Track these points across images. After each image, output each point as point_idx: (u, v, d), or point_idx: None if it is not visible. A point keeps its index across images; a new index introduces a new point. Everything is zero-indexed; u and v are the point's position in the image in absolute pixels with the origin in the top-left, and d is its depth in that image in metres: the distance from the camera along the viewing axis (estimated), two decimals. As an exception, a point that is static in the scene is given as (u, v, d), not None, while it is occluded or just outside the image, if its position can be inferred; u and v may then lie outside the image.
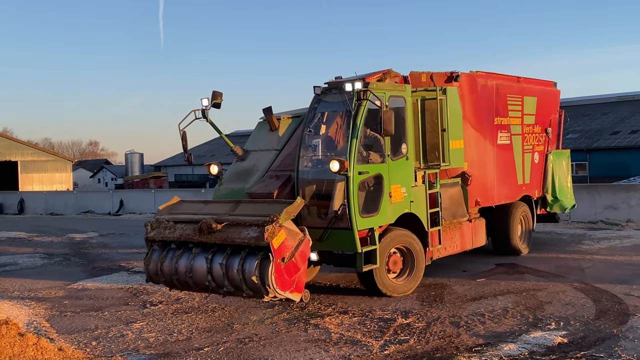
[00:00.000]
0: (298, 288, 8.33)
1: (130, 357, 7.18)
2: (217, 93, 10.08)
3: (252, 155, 10.76)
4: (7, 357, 6.53)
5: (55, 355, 6.93)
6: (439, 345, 7.32)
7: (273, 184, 9.81)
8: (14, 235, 22.29)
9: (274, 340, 7.71)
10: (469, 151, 11.47)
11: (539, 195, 14.11)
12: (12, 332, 6.84)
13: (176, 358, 7.11)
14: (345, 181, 8.99)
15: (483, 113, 12.14)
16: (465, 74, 11.61)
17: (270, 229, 7.97)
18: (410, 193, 9.97)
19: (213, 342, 7.70)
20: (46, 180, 59.25)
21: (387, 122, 8.81)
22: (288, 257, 8.13)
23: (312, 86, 9.77)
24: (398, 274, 10.00)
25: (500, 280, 10.94)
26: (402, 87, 10.16)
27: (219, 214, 8.79)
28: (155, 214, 9.55)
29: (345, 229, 9.05)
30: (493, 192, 12.46)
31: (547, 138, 14.20)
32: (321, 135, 9.95)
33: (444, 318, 8.48)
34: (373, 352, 7.11)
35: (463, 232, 11.60)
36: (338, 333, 7.91)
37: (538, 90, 13.87)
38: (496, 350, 6.96)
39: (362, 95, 9.04)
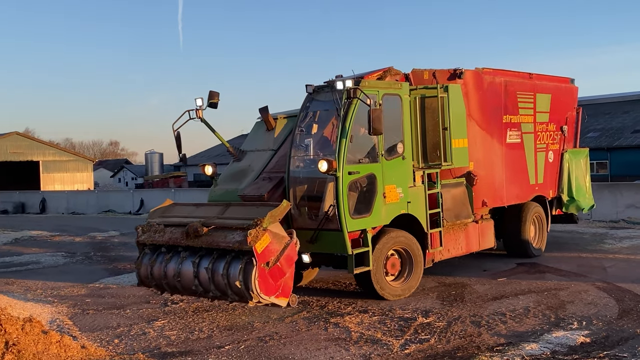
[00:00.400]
0: (284, 293, 8.14)
1: (152, 354, 7.22)
2: (213, 93, 9.97)
3: (248, 155, 10.65)
4: (31, 354, 6.61)
5: (78, 353, 7.00)
6: (460, 344, 7.29)
7: (265, 186, 9.67)
8: (37, 234, 22.53)
9: (294, 339, 7.73)
10: (474, 150, 11.15)
11: (554, 195, 13.65)
12: (35, 330, 6.92)
13: (197, 356, 7.15)
14: (334, 181, 8.79)
15: (490, 111, 11.75)
16: (470, 71, 11.30)
17: (254, 233, 7.82)
18: (407, 193, 9.71)
19: (234, 341, 7.73)
20: (67, 179, 59.87)
21: (376, 121, 8.53)
22: (273, 261, 7.95)
23: (305, 85, 9.64)
24: (396, 276, 9.77)
25: (521, 279, 10.86)
26: (398, 85, 9.90)
27: (208, 217, 8.73)
28: (147, 217, 9.51)
29: (335, 230, 8.87)
30: (502, 193, 12.06)
31: (563, 136, 13.71)
32: (313, 134, 9.73)
33: (464, 317, 8.45)
34: (394, 351, 7.10)
35: (468, 233, 11.29)
36: (358, 332, 7.91)
37: (552, 87, 13.41)
38: (518, 350, 6.92)
39: (351, 93, 8.79)
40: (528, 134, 12.72)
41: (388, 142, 9.50)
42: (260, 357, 7.04)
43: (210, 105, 9.98)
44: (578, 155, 14.19)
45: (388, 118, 9.34)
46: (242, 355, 7.13)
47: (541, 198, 13.29)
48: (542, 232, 13.26)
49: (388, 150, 9.48)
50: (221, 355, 7.15)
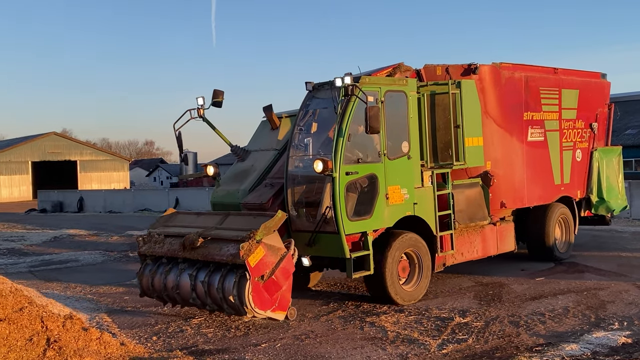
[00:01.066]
0: (281, 306, 7.90)
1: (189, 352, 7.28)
2: (218, 92, 9.76)
3: (252, 155, 10.41)
4: (72, 350, 6.71)
5: (117, 350, 7.09)
6: (498, 344, 7.21)
7: (266, 193, 9.38)
8: (75, 232, 22.89)
9: (330, 338, 7.73)
10: (491, 149, 10.72)
11: (582, 196, 12.93)
12: (76, 327, 7.03)
13: (234, 354, 7.19)
14: (330, 182, 8.48)
15: (509, 108, 11.20)
16: (486, 66, 10.79)
17: (246, 246, 7.59)
18: (413, 194, 9.32)
19: (270, 339, 7.76)
20: (104, 179, 60.82)
21: (373, 119, 8.15)
22: (268, 274, 7.71)
23: (304, 82, 9.35)
24: (405, 280, 9.41)
25: (560, 279, 10.70)
26: (403, 81, 9.49)
27: (206, 228, 8.55)
28: (149, 227, 9.38)
29: (333, 233, 8.57)
30: (522, 193, 11.48)
31: (593, 134, 13.02)
32: (312, 133, 9.45)
33: (502, 317, 8.35)
34: (431, 351, 7.05)
35: (485, 236, 10.84)
36: (394, 331, 7.87)
37: (580, 83, 12.73)
38: (558, 350, 6.82)
39: (349, 90, 8.42)
40: (552, 132, 12.13)
41: (392, 141, 9.16)
42: (297, 356, 7.05)
43: (214, 104, 9.76)
44: (610, 153, 13.51)
45: (392, 116, 9.10)
46: (278, 354, 7.15)
47: (568, 199, 12.67)
48: (568, 235, 12.63)
49: (391, 150, 9.12)
50: (258, 353, 7.17)
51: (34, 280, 12.59)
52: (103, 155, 63.59)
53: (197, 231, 8.45)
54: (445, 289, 10.27)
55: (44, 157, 59.25)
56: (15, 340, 6.53)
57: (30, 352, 6.53)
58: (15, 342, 6.52)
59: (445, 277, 11.12)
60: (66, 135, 68.00)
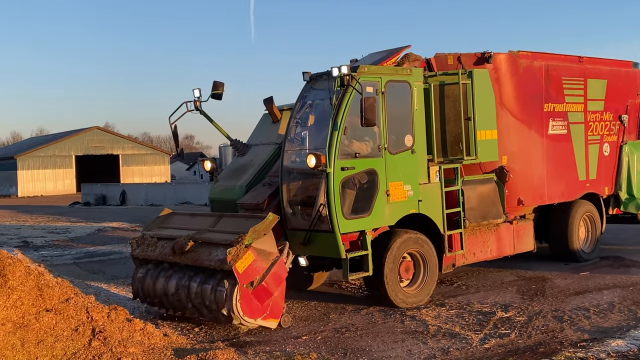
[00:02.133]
0: (273, 314, 7.61)
1: (231, 343, 7.34)
2: (218, 83, 9.40)
3: (252, 150, 10.02)
4: (116, 340, 6.83)
5: (160, 341, 7.18)
6: (541, 339, 7.11)
7: (263, 193, 8.98)
8: (118, 225, 23.29)
9: (370, 331, 7.71)
10: (507, 143, 10.15)
11: (610, 192, 12.15)
12: (120, 318, 7.13)
13: (275, 345, 7.23)
14: (325, 178, 8.07)
15: (527, 99, 10.55)
16: (501, 55, 10.22)
17: (233, 251, 7.27)
18: (417, 191, 8.83)
19: (310, 331, 7.77)
20: (145, 172, 61.69)
21: (368, 111, 7.73)
22: (258, 280, 7.40)
23: (302, 72, 8.90)
24: (410, 281, 8.96)
25: (605, 273, 10.50)
26: (407, 71, 8.98)
27: (199, 230, 8.26)
28: (143, 228, 9.21)
29: (328, 232, 8.17)
30: (542, 190, 10.79)
31: (622, 127, 12.21)
32: (309, 126, 9.00)
33: (546, 312, 8.23)
34: (473, 346, 6.98)
35: (500, 235, 10.25)
36: (435, 325, 7.82)
37: (608, 72, 11.95)
38: (603, 346, 6.70)
39: (345, 80, 7.96)
40: (577, 125, 11.39)
41: (394, 135, 8.69)
42: (337, 348, 7.05)
43: (214, 97, 9.43)
44: None
45: (394, 108, 8.66)
46: (319, 346, 7.16)
47: (594, 196, 11.91)
48: (594, 234, 11.92)
49: (393, 143, 8.64)
50: (298, 345, 7.20)
51: (79, 272, 12.83)
52: (144, 149, 64.49)
53: (188, 234, 8.14)
54: (487, 283, 10.16)
55: (87, 151, 60.39)
56: (61, 330, 6.66)
57: (76, 342, 6.66)
58: (61, 332, 6.65)
59: (486, 271, 11.01)
60: (108, 130, 69.18)
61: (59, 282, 7.10)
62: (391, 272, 8.54)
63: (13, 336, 6.39)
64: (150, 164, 63.24)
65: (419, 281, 8.97)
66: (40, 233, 20.95)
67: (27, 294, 6.71)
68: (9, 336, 6.37)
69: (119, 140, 63.25)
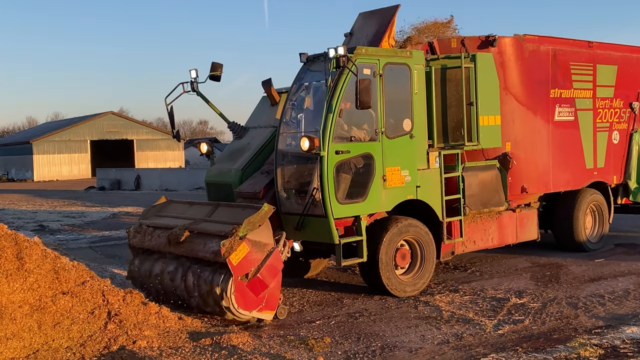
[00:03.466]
0: (269, 305, 7.46)
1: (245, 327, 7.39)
2: (216, 65, 9.23)
3: (250, 132, 9.82)
4: (132, 324, 6.89)
5: (175, 324, 7.24)
6: (556, 326, 7.09)
7: (261, 181, 8.82)
8: (132, 210, 23.41)
9: (384, 316, 7.73)
10: (511, 129, 9.93)
11: (618, 181, 11.87)
12: (136, 301, 7.19)
13: (289, 330, 7.27)
14: (318, 162, 7.89)
15: (533, 84, 10.28)
16: (506, 38, 9.97)
17: (228, 243, 7.15)
18: (415, 177, 8.64)
19: (324, 316, 7.81)
20: (160, 157, 61.94)
21: (364, 93, 7.52)
22: (253, 272, 7.29)
23: (298, 53, 8.71)
24: (406, 269, 8.80)
25: (620, 260, 10.46)
26: (406, 53, 8.72)
27: (195, 220, 8.17)
28: (141, 217, 9.16)
29: (321, 217, 8.01)
30: (547, 178, 10.54)
31: (633, 114, 11.94)
32: (305, 109, 8.81)
33: (560, 299, 8.21)
34: (486, 332, 6.99)
35: (502, 223, 10.05)
36: (449, 311, 7.82)
37: (619, 58, 11.67)
38: (617, 333, 6.68)
39: (341, 62, 7.72)
40: (585, 111, 11.12)
41: (392, 118, 8.49)
42: (351, 333, 7.08)
43: (212, 78, 9.26)
44: None
45: (392, 91, 8.44)
46: (332, 331, 7.19)
47: (602, 185, 11.65)
48: (602, 224, 11.65)
49: (391, 128, 8.44)
50: (312, 330, 7.23)
51: (95, 256, 12.94)
52: (159, 135, 64.68)
53: (184, 224, 8.06)
54: (501, 269, 10.15)
55: (102, 136, 60.70)
56: (77, 313, 6.73)
57: (92, 325, 6.73)
58: (77, 314, 6.72)
59: (500, 257, 10.98)
60: (123, 115, 69.41)
61: (75, 266, 7.17)
62: (387, 259, 8.39)
63: (30, 318, 6.47)
64: (164, 149, 63.46)
65: (416, 269, 8.80)
66: (56, 217, 21.13)
67: (44, 277, 6.78)
68: (26, 318, 6.45)
69: (134, 126, 63.49)
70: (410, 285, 8.66)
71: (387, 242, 8.38)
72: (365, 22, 9.84)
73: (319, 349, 6.54)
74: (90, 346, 6.53)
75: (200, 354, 6.44)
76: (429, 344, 6.66)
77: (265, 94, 9.99)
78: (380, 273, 8.36)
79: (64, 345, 6.48)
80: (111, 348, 6.55)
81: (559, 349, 6.27)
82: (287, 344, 6.72)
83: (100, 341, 6.62)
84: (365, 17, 9.94)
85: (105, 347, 6.57)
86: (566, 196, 11.20)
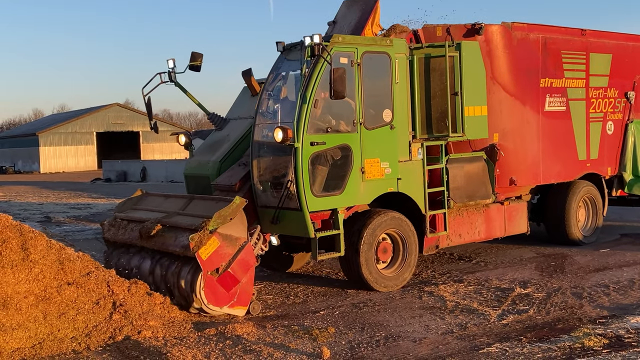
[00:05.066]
0: (241, 301, 7.29)
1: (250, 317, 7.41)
2: (196, 54, 9.02)
3: (230, 124, 9.64)
4: (137, 314, 6.92)
5: (180, 314, 7.27)
6: (560, 316, 7.09)
7: (238, 173, 8.60)
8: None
9: (388, 306, 7.73)
10: (499, 120, 9.64)
11: (613, 173, 11.52)
12: (141, 291, 7.21)
13: (293, 320, 7.28)
14: (293, 153, 7.68)
15: (521, 73, 9.96)
16: (493, 26, 9.61)
17: (197, 237, 6.99)
18: (396, 169, 8.42)
19: (328, 306, 7.82)
20: (166, 149, 61.99)
21: (337, 82, 7.27)
22: (224, 267, 7.13)
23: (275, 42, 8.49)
24: (388, 263, 8.61)
25: (625, 250, 10.44)
26: (386, 42, 8.45)
27: (168, 214, 8.05)
28: (115, 209, 9.09)
29: (296, 210, 7.82)
30: (537, 169, 10.23)
31: (629, 104, 11.52)
32: (282, 99, 8.57)
33: (565, 289, 8.20)
34: (490, 322, 6.99)
35: (490, 216, 9.79)
36: (453, 301, 7.82)
37: (614, 46, 11.28)
38: (622, 323, 6.68)
39: (316, 50, 7.50)
40: (577, 101, 10.78)
41: (372, 109, 8.26)
42: (355, 323, 7.09)
43: (192, 68, 9.03)
44: None
45: (371, 80, 8.21)
46: (337, 321, 7.21)
47: (596, 177, 11.34)
48: (595, 217, 11.35)
49: (370, 118, 8.20)
50: (316, 320, 7.25)
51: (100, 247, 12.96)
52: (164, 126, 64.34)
53: (157, 218, 7.94)
54: (506, 259, 10.14)
55: (107, 127, 60.81)
56: (82, 303, 6.76)
57: (97, 315, 6.76)
58: (82, 305, 6.75)
59: (505, 247, 10.97)
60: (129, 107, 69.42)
61: (80, 256, 7.19)
62: (368, 253, 8.19)
63: (35, 309, 6.51)
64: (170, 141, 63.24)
65: (398, 263, 8.61)
66: (62, 209, 21.20)
67: (49, 267, 6.81)
68: (32, 309, 6.48)
69: (139, 117, 63.44)
70: (392, 280, 8.48)
71: (368, 236, 8.19)
72: (349, 10, 9.67)
73: (323, 339, 6.55)
74: (96, 336, 6.57)
75: (204, 344, 6.47)
76: (433, 334, 6.66)
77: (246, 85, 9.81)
78: (361, 267, 8.17)
79: (70, 336, 6.52)
80: (116, 338, 6.59)
81: (563, 339, 6.28)
82: (291, 334, 6.73)
83: (105, 331, 6.65)
84: (348, 5, 9.76)
85: (111, 337, 6.61)
86: (559, 188, 10.95)
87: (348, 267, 8.40)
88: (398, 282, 8.53)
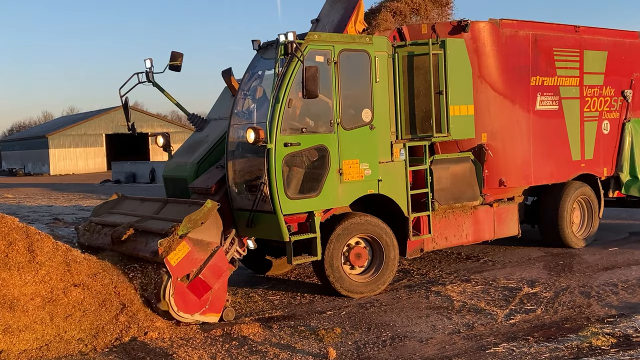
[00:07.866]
0: (213, 308, 7.08)
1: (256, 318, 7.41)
2: (176, 54, 8.87)
3: (210, 125, 9.44)
4: (143, 315, 6.92)
5: (187, 315, 7.26)
6: (568, 315, 7.05)
7: (215, 176, 8.37)
8: (147, 202, 23.48)
9: (395, 306, 7.71)
10: (487, 119, 9.34)
11: (609, 174, 11.16)
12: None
13: (300, 320, 7.28)
14: (265, 155, 7.44)
15: (510, 71, 9.65)
16: (480, 23, 9.33)
17: (165, 243, 6.79)
18: (376, 170, 8.15)
19: (335, 307, 7.80)
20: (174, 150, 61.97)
21: (310, 81, 7.07)
22: (194, 273, 6.94)
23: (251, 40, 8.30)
24: (365, 269, 8.33)
25: (634, 249, 10.38)
26: (366, 39, 8.20)
27: (142, 218, 7.88)
28: (92, 213, 8.93)
29: (270, 213, 7.59)
30: (527, 170, 9.89)
31: (626, 103, 11.20)
32: (257, 99, 8.36)
33: (573, 288, 8.15)
34: (498, 321, 6.95)
35: (478, 219, 9.52)
36: (460, 301, 7.79)
37: (609, 43, 10.91)
38: (630, 322, 6.64)
39: (289, 48, 7.31)
40: (570, 100, 10.43)
41: (350, 108, 8.05)
42: (361, 324, 7.07)
43: (172, 68, 8.85)
44: None
45: (349, 79, 8.00)
46: (343, 321, 7.19)
47: (591, 177, 10.99)
48: (591, 219, 11.00)
49: (348, 118, 7.97)
50: (323, 320, 7.23)
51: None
52: (173, 128, 64.80)
53: (129, 222, 7.77)
54: (514, 259, 10.09)
55: (116, 129, 60.95)
56: (89, 305, 6.77)
57: (104, 317, 6.77)
58: (89, 306, 6.76)
59: (513, 247, 10.93)
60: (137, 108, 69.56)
61: (86, 258, 7.20)
62: (333, 258, 7.92)
63: (42, 310, 6.52)
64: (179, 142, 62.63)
65: (374, 269, 8.33)
66: (71, 210, 21.27)
67: (55, 269, 6.82)
68: (38, 310, 6.50)
69: (148, 119, 63.67)
70: (366, 286, 8.20)
71: (335, 240, 7.94)
72: (332, 8, 9.51)
73: (329, 340, 6.55)
74: (102, 338, 6.58)
75: (211, 344, 6.48)
76: (439, 333, 6.64)
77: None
78: (326, 273, 7.94)
79: (76, 337, 6.53)
80: (123, 339, 6.61)
81: (571, 338, 6.24)
82: (297, 335, 6.73)
83: (112, 333, 6.66)
84: (331, 3, 9.60)
85: (117, 338, 6.62)
86: (552, 190, 10.63)
87: (320, 272, 8.12)
88: (375, 288, 8.26)
